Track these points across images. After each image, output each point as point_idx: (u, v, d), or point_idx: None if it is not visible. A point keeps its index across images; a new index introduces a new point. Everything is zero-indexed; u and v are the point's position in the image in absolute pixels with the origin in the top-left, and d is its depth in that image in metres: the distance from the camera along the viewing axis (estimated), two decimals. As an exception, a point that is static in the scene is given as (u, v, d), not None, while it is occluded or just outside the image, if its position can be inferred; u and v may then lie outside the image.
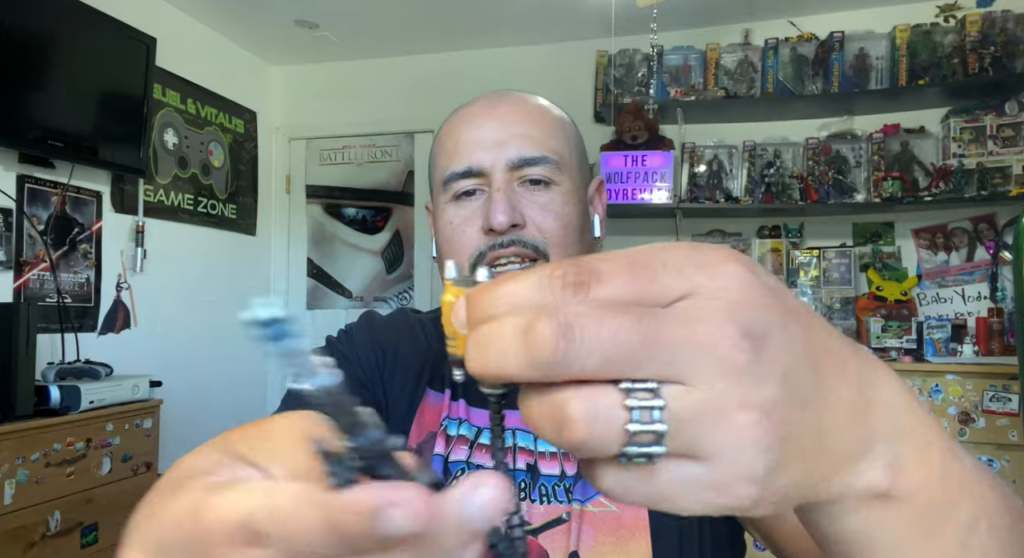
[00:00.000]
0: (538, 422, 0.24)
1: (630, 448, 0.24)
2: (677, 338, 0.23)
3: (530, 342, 0.23)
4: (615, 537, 0.68)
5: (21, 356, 2.10)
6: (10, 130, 2.37)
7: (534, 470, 0.71)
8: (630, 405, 0.23)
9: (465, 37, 3.64)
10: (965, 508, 0.34)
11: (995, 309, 2.88)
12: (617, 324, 0.23)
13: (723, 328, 0.24)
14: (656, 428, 0.23)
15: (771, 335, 0.25)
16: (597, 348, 0.23)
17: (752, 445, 0.24)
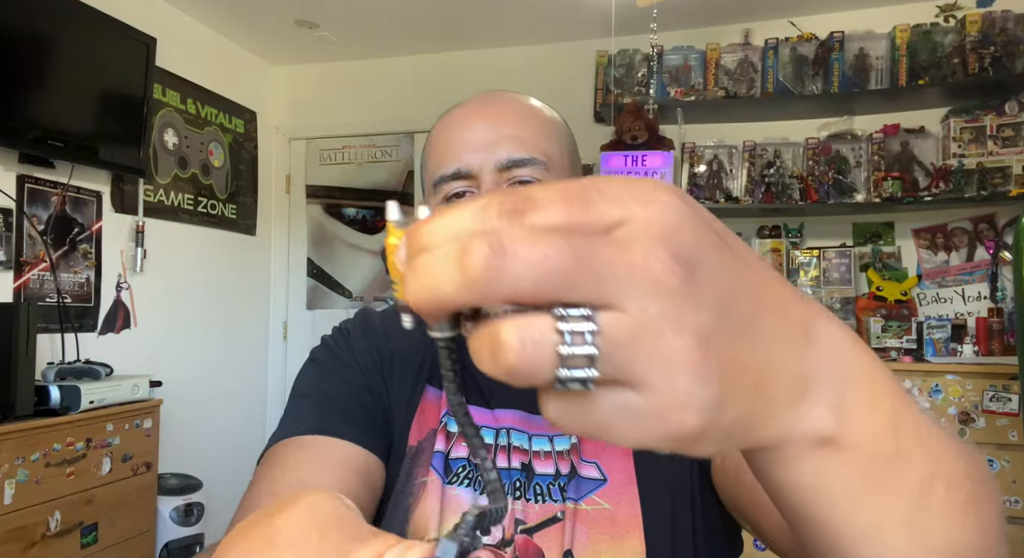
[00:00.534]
0: (478, 352, 0.24)
1: (562, 371, 0.23)
2: (610, 260, 0.23)
3: (464, 263, 0.23)
4: (609, 534, 0.68)
5: (21, 356, 2.10)
6: (10, 130, 2.37)
7: (529, 469, 0.72)
8: (562, 329, 0.23)
9: (465, 37, 3.64)
10: (919, 465, 0.33)
11: (995, 309, 2.88)
12: (549, 244, 0.23)
13: (656, 251, 0.24)
14: (587, 351, 0.23)
15: (705, 262, 0.25)
16: (530, 267, 0.23)
17: (688, 370, 0.24)
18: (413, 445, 0.75)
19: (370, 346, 0.80)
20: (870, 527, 0.33)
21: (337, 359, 0.79)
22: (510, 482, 0.71)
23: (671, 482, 0.71)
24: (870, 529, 0.33)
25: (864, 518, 0.33)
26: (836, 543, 0.34)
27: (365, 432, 0.72)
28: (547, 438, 0.74)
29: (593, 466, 0.72)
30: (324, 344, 0.82)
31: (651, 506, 0.69)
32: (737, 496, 0.65)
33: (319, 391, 0.76)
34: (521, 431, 0.74)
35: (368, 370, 0.78)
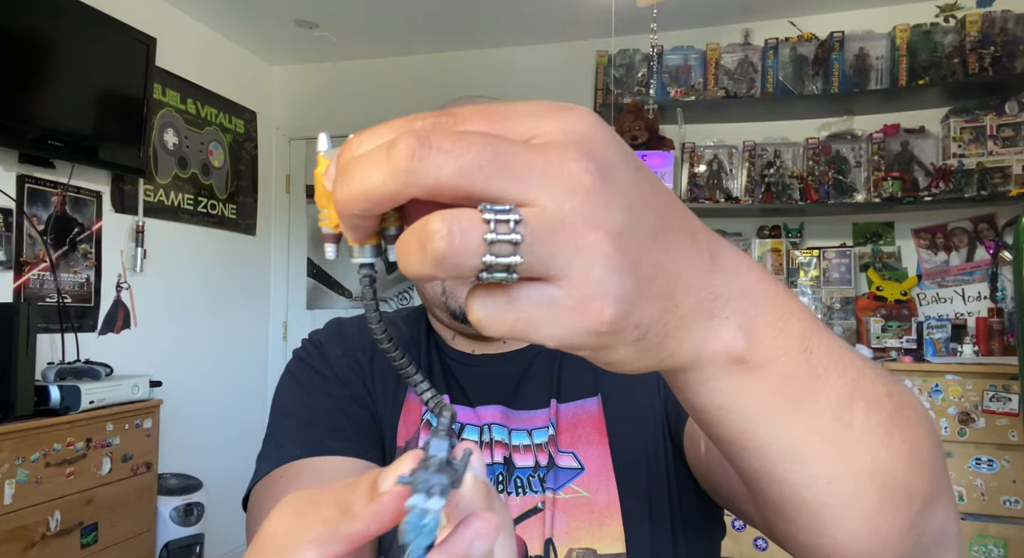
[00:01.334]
0: (406, 249, 0.26)
1: (488, 257, 0.25)
2: (528, 159, 0.25)
3: (391, 154, 0.25)
4: (588, 521, 0.69)
5: (21, 356, 2.10)
6: (10, 130, 2.37)
7: (509, 463, 0.73)
8: (487, 218, 0.24)
9: (465, 37, 3.64)
10: (835, 384, 0.34)
11: (995, 309, 2.88)
12: (472, 140, 0.25)
13: (570, 152, 0.26)
14: (511, 237, 0.24)
15: (616, 167, 0.27)
16: (452, 158, 0.24)
17: (603, 261, 0.26)
18: (401, 445, 0.75)
19: (346, 354, 0.80)
20: (794, 446, 0.34)
21: (315, 372, 0.78)
22: (492, 476, 0.72)
23: (647, 468, 0.73)
24: (794, 448, 0.34)
25: (786, 437, 0.34)
26: (764, 465, 0.35)
27: (358, 442, 0.72)
28: (526, 432, 0.75)
29: (570, 456, 0.73)
30: (298, 359, 0.81)
31: (628, 492, 0.70)
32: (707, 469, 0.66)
33: (302, 408, 0.75)
34: (502, 426, 0.75)
35: (348, 379, 0.78)
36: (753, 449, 0.34)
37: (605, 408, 0.75)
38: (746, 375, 0.32)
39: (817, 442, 0.34)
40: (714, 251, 0.31)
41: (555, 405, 0.76)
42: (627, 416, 0.74)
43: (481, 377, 0.79)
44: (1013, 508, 2.50)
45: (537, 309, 0.26)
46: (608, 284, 0.26)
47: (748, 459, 0.35)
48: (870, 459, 0.35)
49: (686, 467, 0.73)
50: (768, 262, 3.29)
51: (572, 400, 0.76)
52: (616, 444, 0.73)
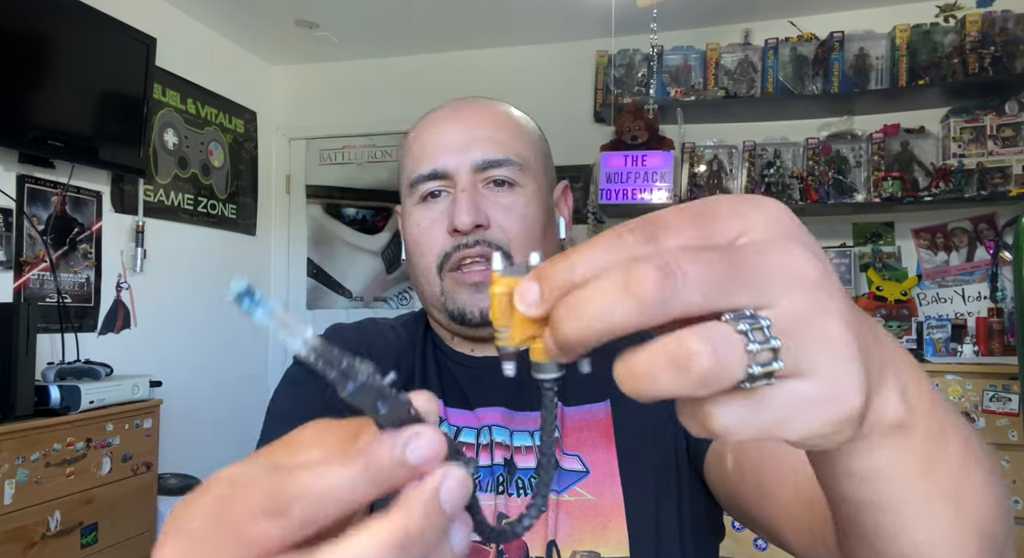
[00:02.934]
0: (653, 369, 0.25)
1: (753, 368, 0.25)
2: (758, 263, 0.26)
3: (634, 288, 0.24)
4: (592, 524, 0.69)
5: (21, 356, 2.10)
6: (10, 130, 2.37)
7: (511, 465, 0.72)
8: (741, 329, 0.25)
9: (465, 37, 3.64)
10: (955, 440, 0.35)
11: (995, 309, 2.88)
12: (707, 258, 0.25)
13: (793, 249, 0.26)
14: (772, 344, 0.25)
15: (823, 254, 0.27)
16: (696, 282, 0.24)
17: (846, 352, 0.26)
18: None
19: None
20: (925, 505, 0.35)
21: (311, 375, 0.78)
22: (494, 477, 0.72)
23: (655, 474, 0.72)
24: (925, 507, 0.35)
25: (921, 496, 0.34)
26: (895, 524, 0.35)
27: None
28: (528, 433, 0.74)
29: (575, 459, 0.72)
30: (296, 363, 0.81)
31: (634, 497, 0.70)
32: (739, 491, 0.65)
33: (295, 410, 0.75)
34: (503, 427, 0.74)
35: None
36: (889, 510, 0.35)
37: (614, 414, 0.74)
38: (901, 438, 0.32)
39: (943, 501, 0.35)
40: (867, 318, 0.32)
41: (560, 407, 0.75)
42: (638, 423, 0.73)
43: (482, 379, 0.78)
44: (1013, 508, 2.49)
45: (789, 407, 0.26)
46: (853, 373, 0.26)
47: (880, 519, 0.36)
48: (978, 514, 0.36)
49: (700, 479, 0.72)
50: (768, 262, 3.29)
51: (579, 404, 0.75)
52: (624, 450, 0.72)
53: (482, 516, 0.30)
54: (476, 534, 0.29)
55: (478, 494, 0.70)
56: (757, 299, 0.25)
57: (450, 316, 0.76)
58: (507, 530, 0.31)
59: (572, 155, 3.37)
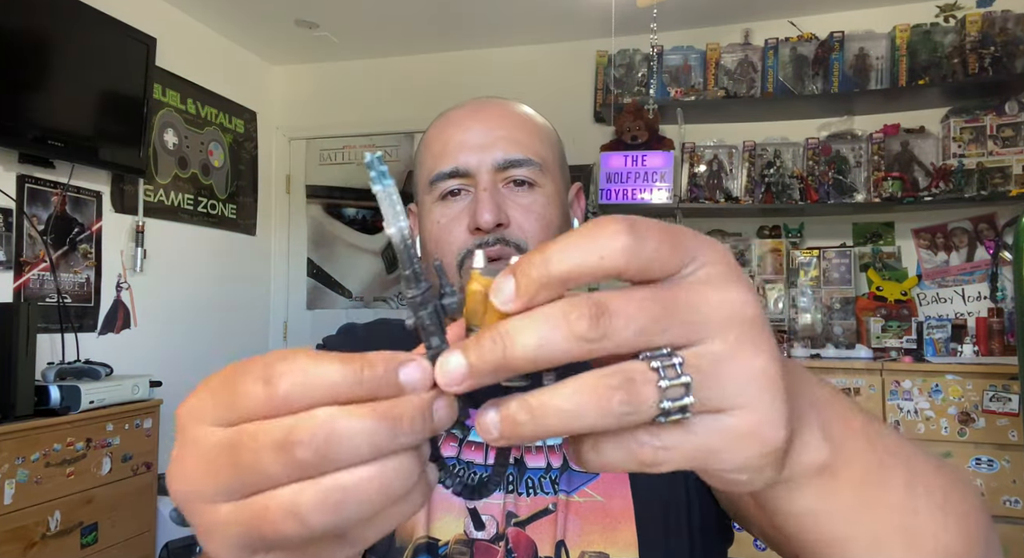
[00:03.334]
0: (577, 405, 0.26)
1: (665, 403, 0.26)
2: (695, 302, 0.27)
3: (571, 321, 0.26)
4: (601, 526, 0.69)
5: (21, 356, 2.10)
6: (10, 130, 2.37)
7: (520, 464, 0.73)
8: (654, 366, 0.26)
9: (465, 37, 3.64)
10: (898, 473, 0.36)
11: (995, 309, 2.88)
12: (640, 298, 0.26)
13: (731, 288, 0.27)
14: (683, 380, 0.26)
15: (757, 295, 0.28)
16: (630, 321, 0.26)
17: (771, 386, 0.27)
18: None
19: None
20: (872, 539, 0.35)
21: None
22: (504, 477, 0.72)
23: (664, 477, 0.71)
24: (873, 541, 0.35)
25: (866, 531, 0.35)
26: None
27: None
28: None
29: None
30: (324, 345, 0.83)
31: (644, 499, 0.70)
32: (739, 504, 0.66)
33: None
34: None
35: None
36: (835, 546, 0.35)
37: None
38: (831, 478, 0.33)
39: (891, 532, 0.35)
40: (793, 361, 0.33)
41: None
42: None
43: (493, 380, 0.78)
44: (1013, 508, 2.50)
45: (714, 439, 0.27)
46: (778, 407, 0.27)
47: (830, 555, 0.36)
48: (933, 543, 0.37)
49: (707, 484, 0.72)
50: (768, 262, 3.29)
51: None
52: None
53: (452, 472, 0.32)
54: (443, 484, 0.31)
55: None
56: (688, 336, 0.26)
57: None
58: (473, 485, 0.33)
59: (572, 155, 3.34)
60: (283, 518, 0.26)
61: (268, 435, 0.26)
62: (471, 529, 0.70)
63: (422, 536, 0.69)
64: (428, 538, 0.69)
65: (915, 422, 2.61)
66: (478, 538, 0.69)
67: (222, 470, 0.27)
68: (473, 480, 0.32)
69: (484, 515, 0.70)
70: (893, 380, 2.65)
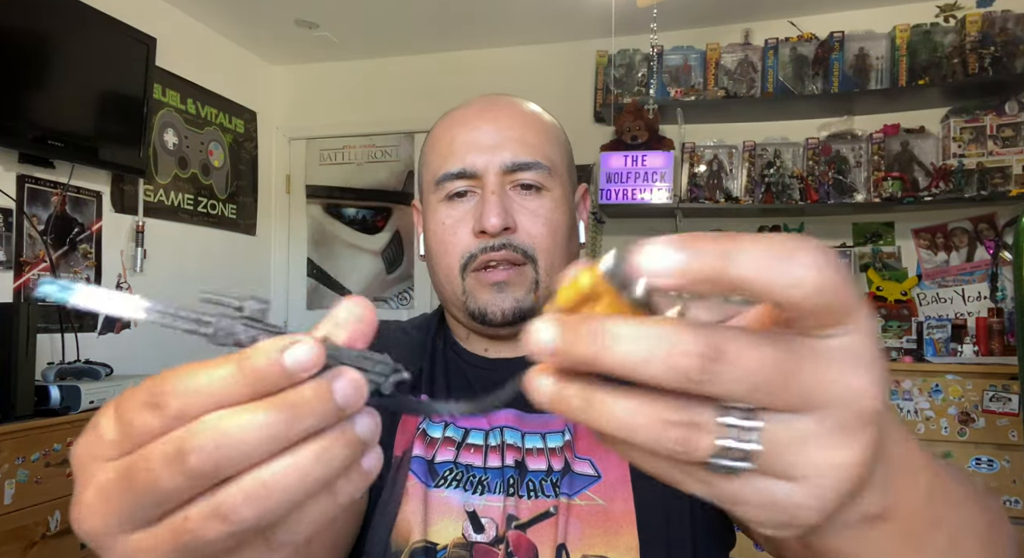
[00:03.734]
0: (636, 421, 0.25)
1: (716, 460, 0.25)
2: (816, 376, 0.24)
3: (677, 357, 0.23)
4: (603, 529, 0.68)
5: (21, 356, 2.10)
6: (10, 130, 2.37)
7: (522, 466, 0.72)
8: (726, 423, 0.24)
9: (465, 37, 3.64)
10: (949, 522, 0.36)
11: (995, 309, 2.88)
12: (761, 357, 0.23)
13: (867, 375, 0.25)
14: (749, 447, 0.24)
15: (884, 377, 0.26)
16: (742, 377, 0.23)
17: (836, 482, 0.25)
18: (398, 455, 0.74)
19: None
20: None
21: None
22: (504, 479, 0.71)
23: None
24: None
25: None
26: None
27: None
28: (540, 435, 0.74)
29: (587, 463, 0.71)
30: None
31: (646, 503, 0.69)
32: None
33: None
34: (514, 429, 0.74)
35: None
36: None
37: None
38: (876, 526, 0.32)
39: None
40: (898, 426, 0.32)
41: None
42: None
43: (494, 380, 0.78)
44: (1013, 508, 2.50)
45: (747, 492, 0.26)
46: (833, 500, 0.26)
47: None
48: None
49: None
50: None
51: None
52: None
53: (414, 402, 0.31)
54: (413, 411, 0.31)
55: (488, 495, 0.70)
56: (790, 404, 0.24)
57: (471, 315, 0.76)
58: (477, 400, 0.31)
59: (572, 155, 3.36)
60: (206, 522, 0.25)
61: (159, 452, 0.25)
62: (470, 532, 0.69)
63: (419, 540, 0.68)
64: (425, 542, 0.68)
65: (915, 422, 2.61)
66: (477, 541, 0.68)
67: (123, 497, 0.26)
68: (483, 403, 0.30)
69: (484, 518, 0.69)
70: (893, 380, 2.65)
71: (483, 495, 0.70)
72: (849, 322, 0.25)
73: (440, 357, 0.81)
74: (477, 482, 0.71)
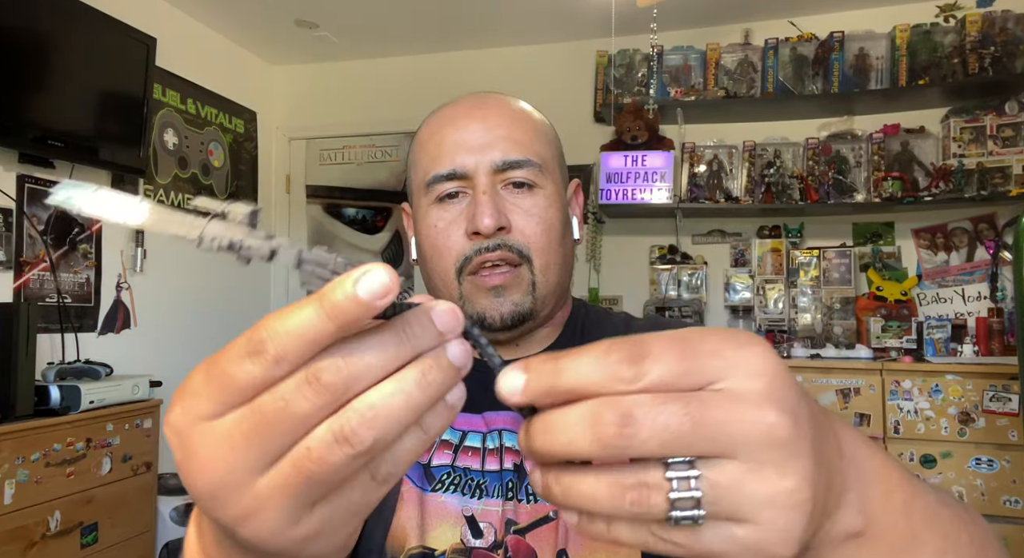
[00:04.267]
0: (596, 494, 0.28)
1: (674, 512, 0.27)
2: (723, 420, 0.27)
3: (596, 429, 0.27)
4: None
5: (21, 356, 2.10)
6: (10, 130, 2.37)
7: (520, 470, 0.71)
8: (669, 477, 0.27)
9: (465, 37, 3.64)
10: (931, 543, 0.36)
11: (995, 309, 2.88)
12: (669, 412, 0.27)
13: (764, 407, 0.27)
14: (693, 495, 0.27)
15: (800, 410, 0.28)
16: (655, 433, 0.27)
17: (792, 509, 0.27)
18: None
19: None
20: None
21: None
22: (503, 483, 0.70)
23: None
24: None
25: None
26: None
27: None
28: None
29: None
30: None
31: None
32: None
33: None
34: (512, 432, 0.73)
35: None
36: None
37: None
38: (858, 545, 0.33)
39: None
40: (840, 441, 0.33)
41: None
42: None
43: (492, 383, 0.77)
44: (1013, 508, 2.50)
45: (720, 545, 0.28)
46: (794, 530, 0.28)
47: None
48: None
49: None
50: (768, 262, 3.29)
51: None
52: None
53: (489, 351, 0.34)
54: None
55: (486, 500, 0.69)
56: (716, 451, 0.27)
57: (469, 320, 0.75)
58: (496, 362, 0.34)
59: (572, 155, 3.34)
60: (329, 449, 0.27)
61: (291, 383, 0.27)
62: (468, 537, 0.68)
63: (416, 546, 0.67)
64: (423, 548, 0.67)
65: (915, 422, 2.61)
66: (476, 546, 0.67)
67: (252, 439, 0.28)
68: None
69: (482, 523, 0.68)
70: (893, 380, 2.65)
71: (481, 499, 0.69)
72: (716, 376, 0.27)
73: None
74: (475, 486, 0.70)
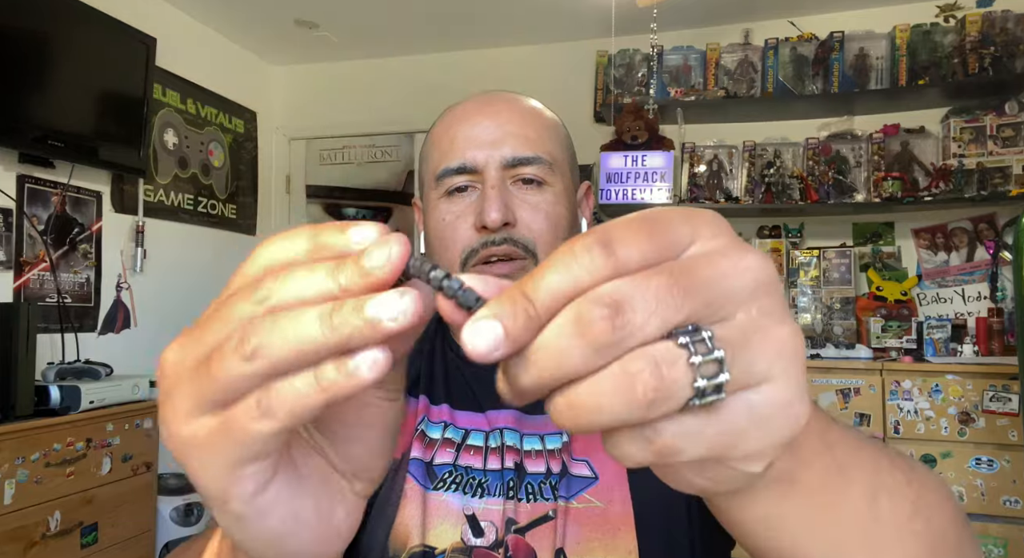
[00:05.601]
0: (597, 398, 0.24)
1: (700, 382, 0.24)
2: (711, 277, 0.25)
3: (586, 332, 0.23)
4: (601, 532, 0.67)
5: (21, 356, 2.10)
6: (10, 130, 2.37)
7: (520, 469, 0.71)
8: (682, 342, 0.24)
9: (465, 37, 3.64)
10: (860, 480, 0.35)
11: (995, 309, 2.88)
12: (656, 286, 0.24)
13: (742, 255, 0.25)
14: (716, 355, 0.24)
15: (767, 256, 0.27)
16: (650, 311, 0.23)
17: (796, 357, 0.26)
18: (396, 457, 0.73)
19: None
20: (831, 548, 0.34)
21: None
22: (503, 482, 0.70)
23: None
24: (831, 550, 0.34)
25: (822, 540, 0.34)
26: None
27: None
28: (538, 437, 0.73)
29: (584, 464, 0.71)
30: None
31: (643, 504, 0.68)
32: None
33: None
34: (514, 430, 0.73)
35: None
36: (792, 554, 0.35)
37: None
38: (787, 488, 0.31)
39: (851, 542, 0.35)
40: None
41: None
42: None
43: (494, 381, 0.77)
44: (1013, 508, 2.50)
45: (740, 419, 0.25)
46: (803, 380, 0.26)
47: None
48: (900, 552, 0.36)
49: None
50: (768, 262, 3.29)
51: None
52: None
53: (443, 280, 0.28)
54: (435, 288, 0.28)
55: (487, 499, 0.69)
56: (712, 314, 0.24)
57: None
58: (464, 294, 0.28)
59: (572, 155, 3.37)
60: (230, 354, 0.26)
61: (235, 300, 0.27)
62: (469, 536, 0.68)
63: (417, 544, 0.68)
64: (424, 546, 0.68)
65: (915, 422, 2.61)
66: (477, 545, 0.68)
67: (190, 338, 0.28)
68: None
69: (483, 522, 0.69)
70: (893, 380, 2.65)
71: (483, 498, 0.70)
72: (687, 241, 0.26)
73: (439, 357, 0.80)
74: (477, 485, 0.70)
